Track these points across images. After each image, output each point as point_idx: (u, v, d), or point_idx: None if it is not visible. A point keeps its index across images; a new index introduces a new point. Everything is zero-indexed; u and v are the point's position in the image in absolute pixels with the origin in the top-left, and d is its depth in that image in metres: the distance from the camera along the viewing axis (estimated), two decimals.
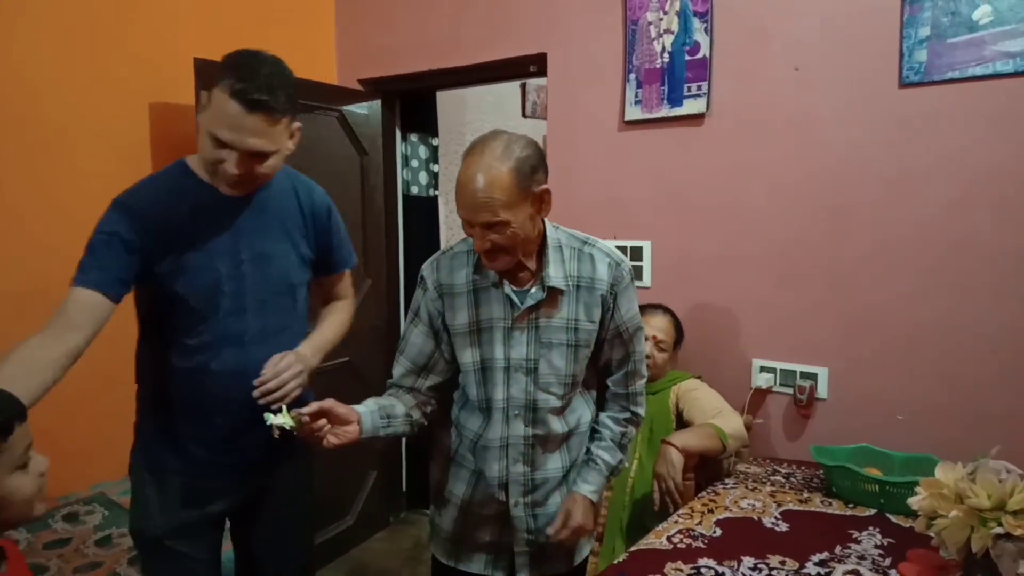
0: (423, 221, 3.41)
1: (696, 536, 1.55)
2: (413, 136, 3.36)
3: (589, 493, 1.49)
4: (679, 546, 1.50)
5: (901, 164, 1.98)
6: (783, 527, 1.59)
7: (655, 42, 2.32)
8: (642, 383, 1.56)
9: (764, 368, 2.23)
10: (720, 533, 1.56)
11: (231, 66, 1.31)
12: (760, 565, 1.41)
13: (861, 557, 1.44)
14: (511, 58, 2.67)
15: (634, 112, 2.38)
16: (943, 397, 1.96)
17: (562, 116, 2.58)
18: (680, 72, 2.28)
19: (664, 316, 2.19)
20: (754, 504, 1.72)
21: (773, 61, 2.15)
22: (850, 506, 1.70)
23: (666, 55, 2.30)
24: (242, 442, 1.49)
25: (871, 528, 1.58)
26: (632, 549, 1.52)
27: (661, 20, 2.30)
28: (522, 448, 1.46)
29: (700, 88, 2.25)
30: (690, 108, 2.27)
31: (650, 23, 2.33)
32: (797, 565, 1.41)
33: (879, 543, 1.51)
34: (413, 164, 3.36)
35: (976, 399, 1.92)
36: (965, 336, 1.93)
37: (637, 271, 2.41)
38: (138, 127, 2.39)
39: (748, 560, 1.43)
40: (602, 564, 1.93)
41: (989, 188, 1.87)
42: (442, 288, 1.46)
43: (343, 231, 1.68)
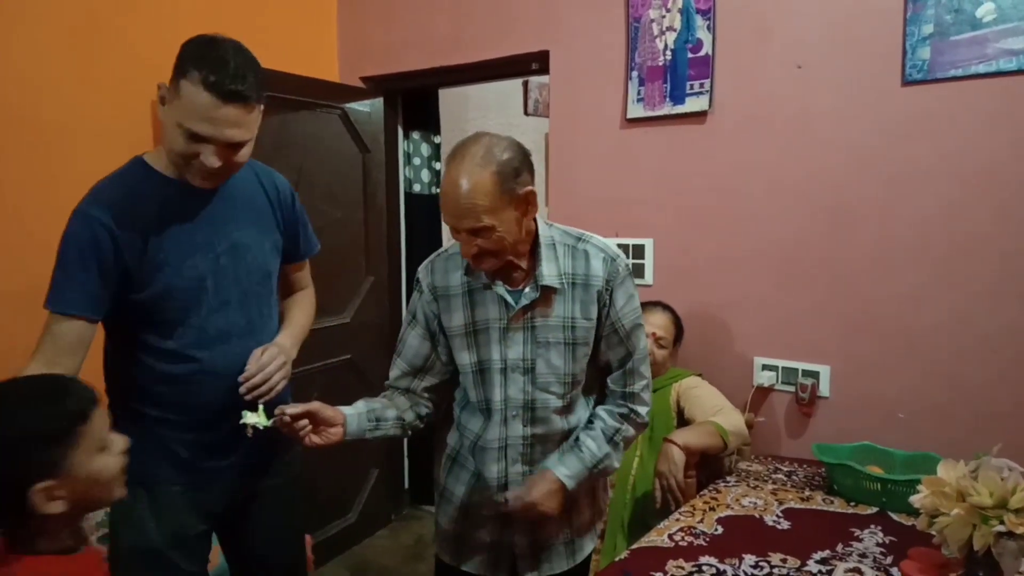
0: (425, 219, 3.41)
1: (698, 534, 1.55)
2: (415, 134, 3.35)
3: (562, 476, 1.41)
4: (681, 544, 1.50)
5: (904, 162, 1.97)
6: (785, 525, 1.60)
7: (657, 40, 2.32)
8: (643, 383, 1.50)
9: (766, 366, 2.23)
10: (722, 531, 1.57)
11: (196, 56, 1.26)
12: (761, 563, 1.42)
13: (863, 555, 1.44)
14: (513, 56, 2.67)
15: (636, 110, 2.38)
16: (945, 395, 1.96)
17: (564, 114, 2.58)
18: (682, 70, 2.28)
19: (664, 313, 2.19)
20: (756, 502, 1.72)
21: (776, 59, 2.14)
22: (852, 504, 1.70)
23: (668, 53, 2.30)
24: (237, 443, 1.43)
25: (873, 526, 1.58)
26: (634, 547, 1.52)
27: (663, 18, 2.30)
28: (521, 448, 1.46)
29: (702, 86, 2.25)
30: (692, 106, 2.27)
31: (652, 21, 2.32)
32: (799, 563, 1.41)
33: (881, 541, 1.51)
34: (415, 162, 3.36)
35: (977, 397, 1.92)
36: (967, 334, 1.92)
37: (639, 269, 2.40)
38: (138, 127, 2.38)
39: (749, 558, 1.43)
40: (604, 562, 1.93)
41: (991, 186, 1.87)
42: (437, 291, 1.46)
43: (307, 217, 1.65)
